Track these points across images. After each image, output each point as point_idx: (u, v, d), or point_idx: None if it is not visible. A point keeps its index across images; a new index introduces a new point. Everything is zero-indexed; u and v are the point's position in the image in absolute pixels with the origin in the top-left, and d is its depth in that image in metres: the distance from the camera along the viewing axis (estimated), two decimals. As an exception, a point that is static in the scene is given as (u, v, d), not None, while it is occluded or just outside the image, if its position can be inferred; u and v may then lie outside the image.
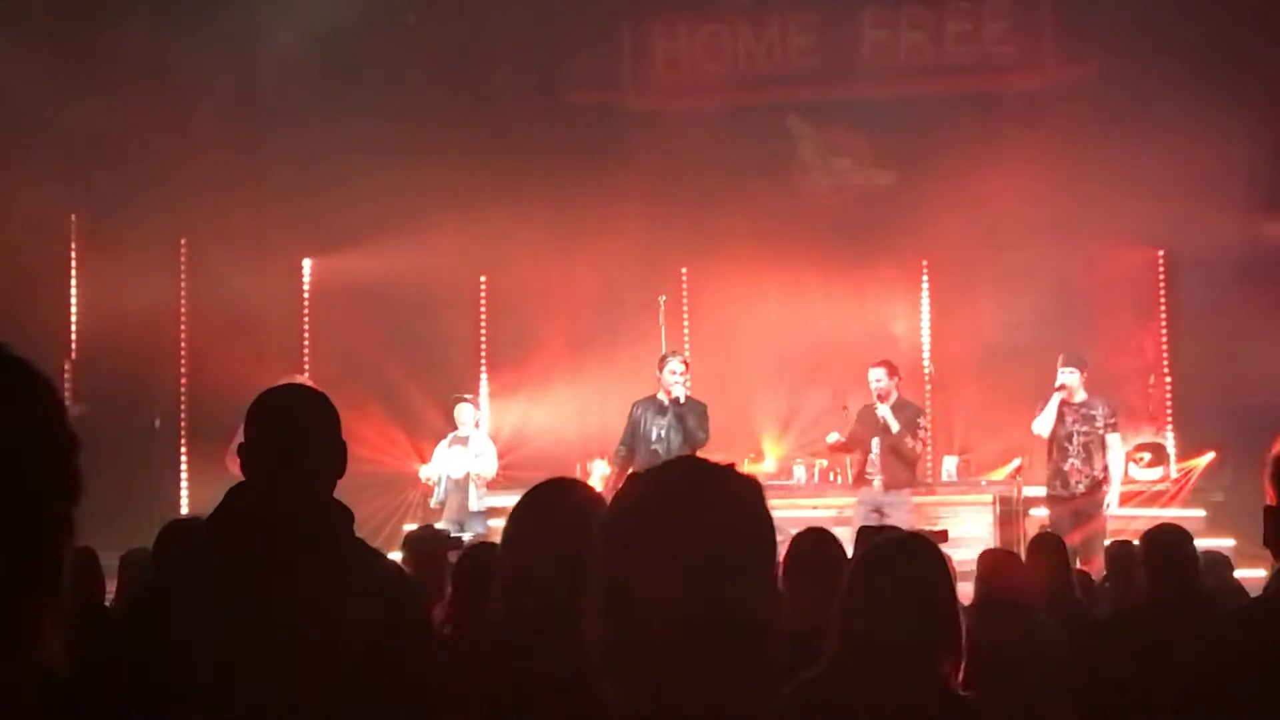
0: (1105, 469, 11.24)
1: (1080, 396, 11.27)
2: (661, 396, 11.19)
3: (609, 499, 3.13)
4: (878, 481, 11.21)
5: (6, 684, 1.15)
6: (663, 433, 11.03)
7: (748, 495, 1.84)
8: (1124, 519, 11.79)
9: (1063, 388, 11.22)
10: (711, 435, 11.10)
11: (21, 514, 1.18)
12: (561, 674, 2.63)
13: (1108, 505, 11.19)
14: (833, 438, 11.80)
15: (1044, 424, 11.26)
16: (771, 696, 1.77)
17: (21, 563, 1.18)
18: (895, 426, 11.18)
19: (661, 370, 11.28)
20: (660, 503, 1.81)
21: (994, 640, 4.19)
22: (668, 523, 1.78)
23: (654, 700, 1.75)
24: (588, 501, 3.14)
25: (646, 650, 1.74)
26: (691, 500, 1.81)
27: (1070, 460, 11.17)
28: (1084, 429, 11.18)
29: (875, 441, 11.30)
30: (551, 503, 3.14)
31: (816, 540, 4.78)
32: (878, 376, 11.46)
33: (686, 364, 11.40)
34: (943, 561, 3.01)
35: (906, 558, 3.01)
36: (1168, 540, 5.80)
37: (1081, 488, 11.11)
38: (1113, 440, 11.28)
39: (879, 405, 11.32)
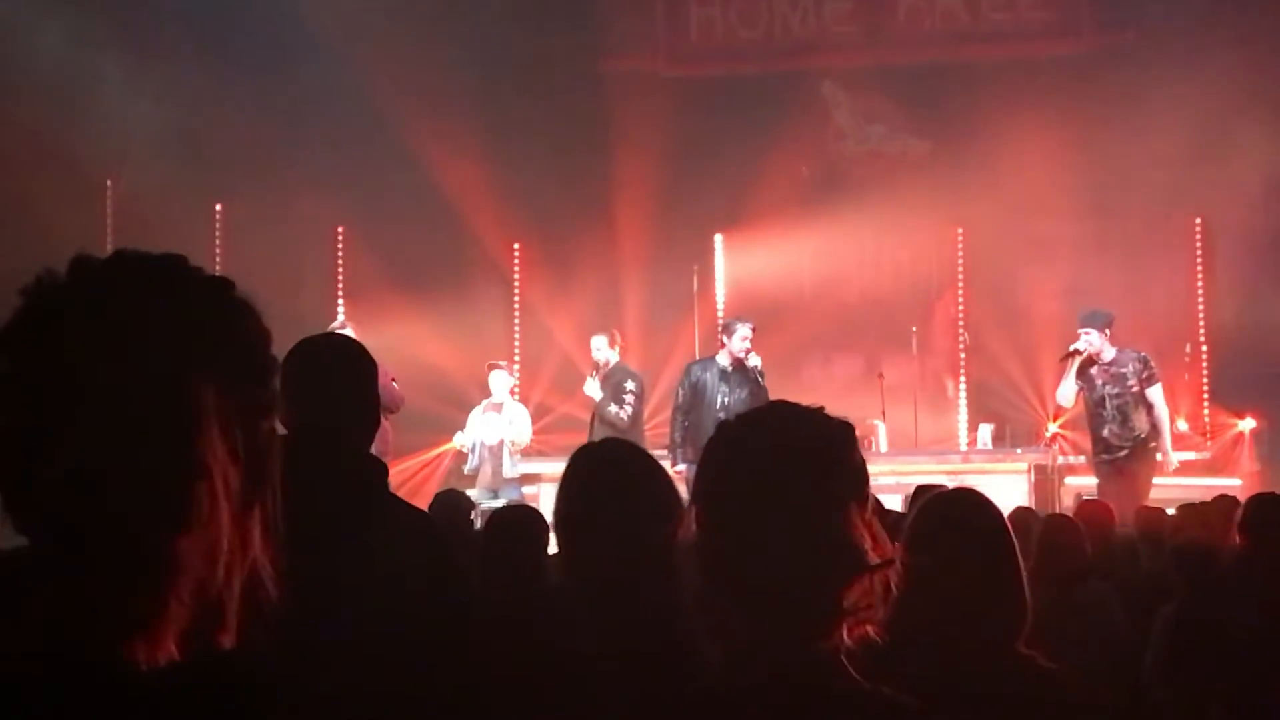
0: (1152, 426, 10.53)
1: (1109, 355, 10.59)
2: (723, 362, 10.91)
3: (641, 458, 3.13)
4: None
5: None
6: (727, 399, 10.69)
7: (839, 437, 1.88)
8: (1159, 487, 11.55)
9: (1076, 353, 10.57)
10: None
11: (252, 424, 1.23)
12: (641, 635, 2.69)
13: (1163, 457, 10.54)
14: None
15: (1065, 393, 10.70)
16: (866, 635, 1.79)
17: (252, 478, 1.22)
18: (597, 395, 11.24)
19: (730, 337, 10.92)
20: (755, 445, 1.85)
21: (1051, 608, 4.12)
22: (762, 464, 1.82)
23: (748, 643, 1.77)
24: (651, 463, 3.12)
25: (741, 592, 1.77)
26: (786, 440, 1.85)
27: (1107, 426, 10.51)
28: (1116, 390, 10.50)
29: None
30: (622, 462, 3.09)
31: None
32: (597, 345, 11.43)
33: (754, 329, 11.02)
34: (1000, 517, 2.91)
35: (962, 512, 2.91)
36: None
37: (1125, 451, 10.48)
38: (1153, 393, 10.56)
39: (589, 378, 11.34)
